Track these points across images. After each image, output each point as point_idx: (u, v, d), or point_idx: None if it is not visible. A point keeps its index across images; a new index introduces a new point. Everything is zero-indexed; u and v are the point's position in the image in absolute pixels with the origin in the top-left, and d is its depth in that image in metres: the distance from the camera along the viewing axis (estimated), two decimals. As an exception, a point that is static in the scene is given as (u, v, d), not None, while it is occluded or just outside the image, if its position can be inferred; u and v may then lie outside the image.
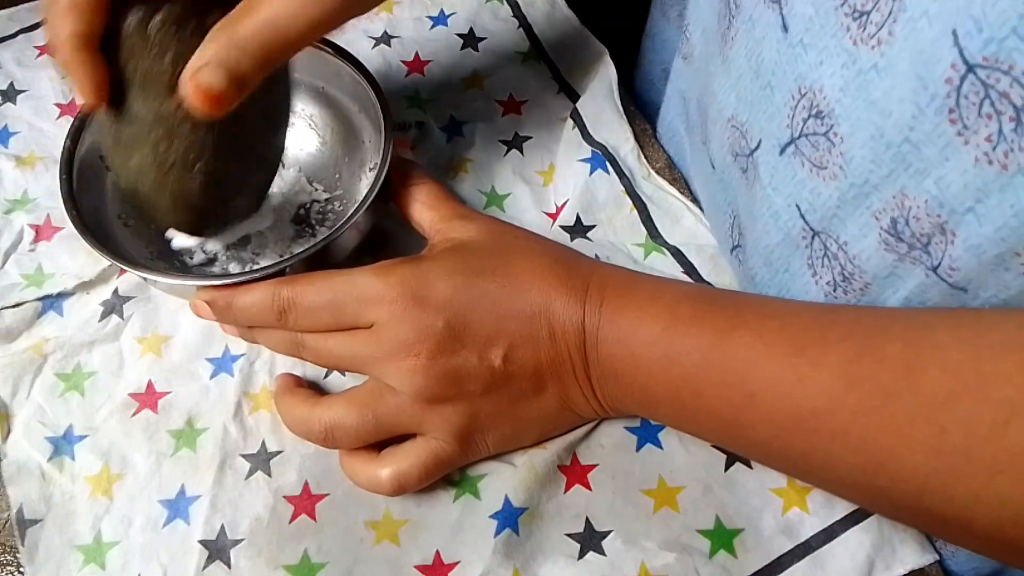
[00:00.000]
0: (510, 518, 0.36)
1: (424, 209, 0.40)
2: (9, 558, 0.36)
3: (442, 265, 0.36)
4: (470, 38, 0.53)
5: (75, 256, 0.43)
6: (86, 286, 0.42)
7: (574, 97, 0.50)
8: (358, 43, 0.52)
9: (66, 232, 0.44)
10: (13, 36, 0.51)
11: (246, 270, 0.37)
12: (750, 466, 0.37)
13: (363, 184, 0.44)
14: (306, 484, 0.37)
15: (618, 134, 0.47)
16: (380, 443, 0.36)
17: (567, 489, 0.37)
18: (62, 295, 0.42)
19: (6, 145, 0.47)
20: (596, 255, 0.43)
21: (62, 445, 0.38)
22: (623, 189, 0.46)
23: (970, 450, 0.25)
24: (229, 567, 0.35)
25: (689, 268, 0.43)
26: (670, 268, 0.44)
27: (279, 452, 0.38)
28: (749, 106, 0.36)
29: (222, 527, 0.36)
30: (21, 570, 0.35)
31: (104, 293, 0.42)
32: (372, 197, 0.38)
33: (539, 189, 0.47)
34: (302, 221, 0.44)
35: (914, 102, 0.26)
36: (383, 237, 0.43)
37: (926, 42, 0.25)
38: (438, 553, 0.36)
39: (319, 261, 0.37)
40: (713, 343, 0.32)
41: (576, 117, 0.48)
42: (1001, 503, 0.25)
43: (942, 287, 0.29)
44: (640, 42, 0.57)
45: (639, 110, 0.50)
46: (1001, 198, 0.24)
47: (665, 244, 0.44)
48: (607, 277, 0.36)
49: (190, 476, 0.37)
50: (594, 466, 0.38)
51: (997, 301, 0.27)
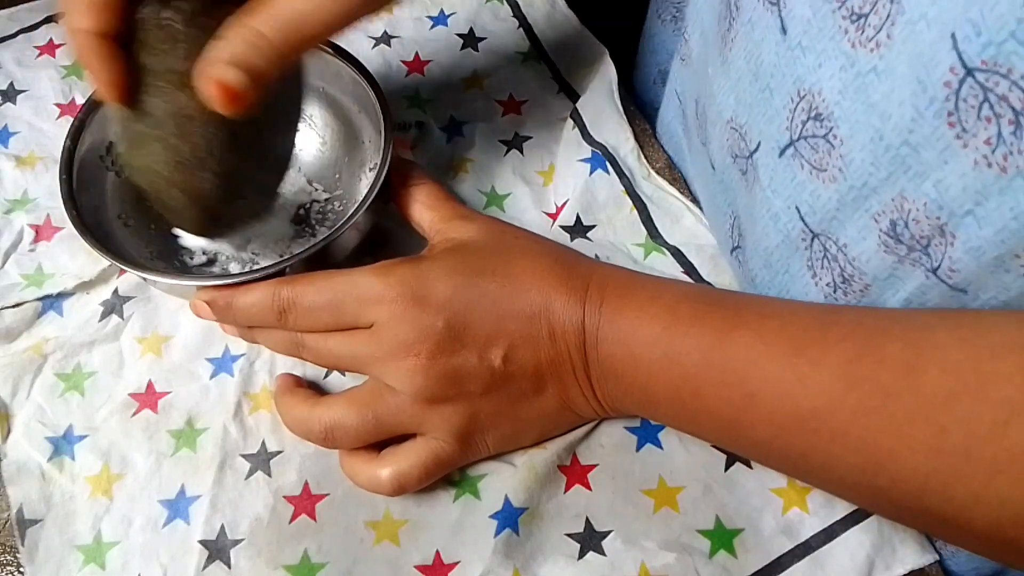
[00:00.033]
0: (510, 518, 0.36)
1: (424, 209, 0.40)
2: (9, 558, 0.36)
3: (442, 265, 0.36)
4: (470, 38, 0.53)
5: (75, 256, 0.43)
6: (86, 286, 0.42)
7: (574, 97, 0.50)
8: (358, 43, 0.52)
9: (66, 232, 0.44)
10: (13, 36, 0.51)
11: (246, 270, 0.37)
12: (750, 466, 0.37)
13: (363, 184, 0.44)
14: (306, 484, 0.37)
15: (618, 134, 0.47)
16: (380, 443, 0.36)
17: (567, 489, 0.37)
18: (62, 295, 0.42)
19: (6, 145, 0.47)
20: (596, 255, 0.43)
21: (62, 445, 0.38)
22: (623, 189, 0.46)
23: (970, 450, 0.25)
24: (229, 567, 0.35)
25: (689, 268, 0.44)
26: (670, 268, 0.44)
27: (279, 452, 0.38)
28: (748, 108, 0.36)
29: (222, 527, 0.36)
30: (21, 570, 0.35)
31: (104, 293, 0.42)
32: (372, 197, 0.38)
33: (539, 189, 0.47)
34: (302, 221, 0.44)
35: (913, 105, 0.26)
36: (383, 237, 0.43)
37: (925, 45, 0.25)
38: (438, 553, 0.36)
39: (319, 261, 0.37)
40: (713, 343, 0.32)
41: (576, 117, 0.48)
42: (1001, 503, 0.25)
43: (942, 289, 0.29)
44: (639, 43, 0.58)
45: (638, 110, 0.50)
46: (1000, 200, 0.25)
47: (665, 244, 0.44)
48: (607, 277, 0.36)
49: (190, 476, 0.37)
50: (594, 466, 0.38)
51: (997, 303, 0.27)
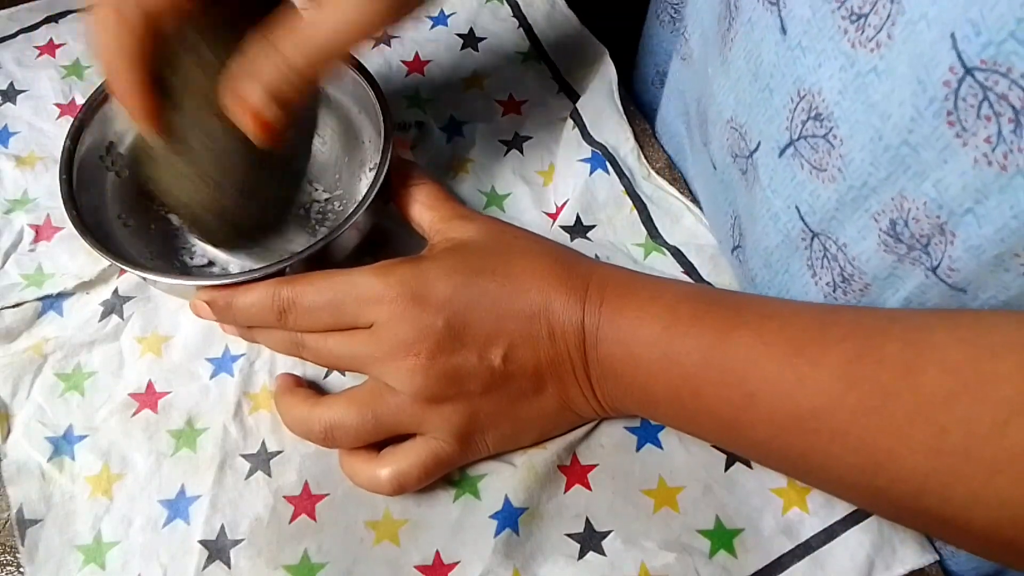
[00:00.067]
0: (510, 518, 0.36)
1: (424, 209, 0.40)
2: (9, 558, 0.36)
3: (442, 265, 0.36)
4: (470, 38, 0.53)
5: (75, 256, 0.43)
6: (86, 286, 0.42)
7: (574, 97, 0.50)
8: (358, 43, 0.52)
9: (66, 232, 0.44)
10: (13, 36, 0.51)
11: (246, 270, 0.37)
12: (750, 466, 0.37)
13: (363, 184, 0.43)
14: (306, 484, 0.37)
15: (618, 134, 0.47)
16: (380, 443, 0.36)
17: (567, 489, 0.37)
18: (62, 295, 0.42)
19: (6, 145, 0.47)
20: (596, 255, 0.43)
21: (62, 445, 0.38)
22: (623, 189, 0.46)
23: (969, 450, 0.25)
24: (229, 567, 0.35)
25: (689, 268, 0.43)
26: (670, 268, 0.44)
27: (279, 452, 0.38)
28: (748, 108, 0.36)
29: (222, 527, 0.36)
30: (21, 570, 0.35)
31: (104, 293, 0.42)
32: (372, 197, 0.38)
33: (539, 189, 0.47)
34: (302, 221, 0.44)
35: (913, 105, 0.26)
36: (383, 237, 0.43)
37: (925, 45, 0.25)
38: (438, 553, 0.36)
39: (319, 261, 0.37)
40: (713, 343, 0.32)
41: (576, 117, 0.48)
42: (1000, 503, 0.25)
43: (942, 288, 0.29)
44: (639, 43, 0.57)
45: (638, 110, 0.50)
46: (1000, 199, 0.25)
47: (665, 244, 0.44)
48: (607, 277, 0.36)
49: (190, 476, 0.37)
50: (594, 466, 0.38)
51: (997, 302, 0.27)
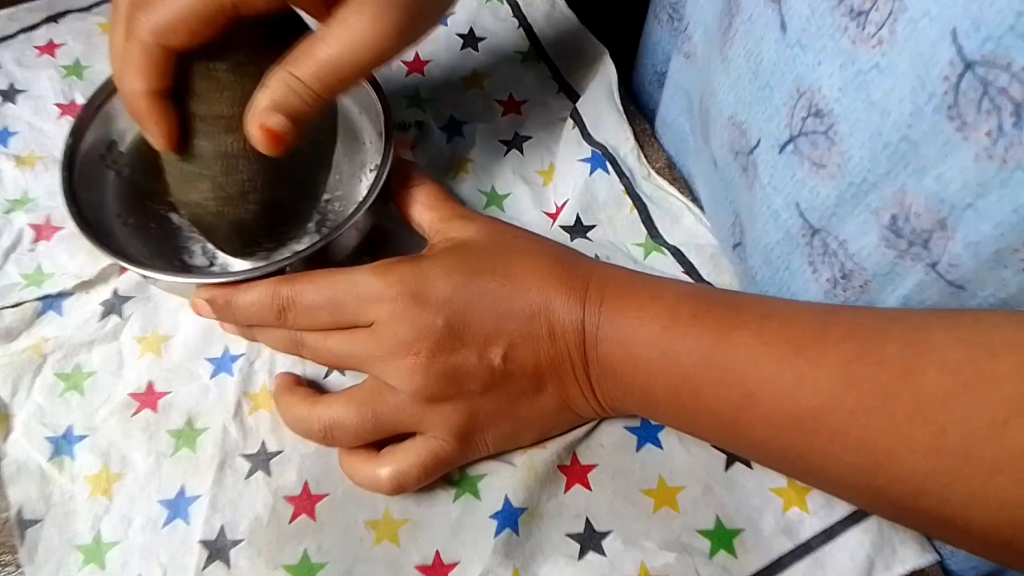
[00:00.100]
0: (510, 518, 0.36)
1: (424, 209, 0.40)
2: (9, 558, 0.36)
3: (442, 264, 0.36)
4: (470, 38, 0.53)
5: (75, 256, 0.43)
6: (86, 286, 0.42)
7: (574, 97, 0.50)
8: (358, 43, 0.52)
9: (66, 232, 0.44)
10: (13, 36, 0.51)
11: (246, 268, 0.37)
12: (750, 466, 0.37)
13: (363, 185, 0.43)
14: (306, 484, 0.37)
15: (618, 134, 0.47)
16: (380, 442, 0.36)
17: (567, 489, 0.37)
18: (62, 295, 0.42)
19: (6, 145, 0.47)
20: (596, 255, 0.43)
21: (62, 445, 0.38)
22: (623, 189, 0.46)
23: (969, 450, 0.25)
24: (229, 567, 0.35)
25: (689, 268, 0.43)
26: (670, 268, 0.44)
27: (279, 452, 0.38)
28: (748, 105, 0.36)
29: (222, 527, 0.36)
30: (21, 570, 0.35)
31: (104, 293, 0.42)
32: (373, 198, 0.38)
33: (539, 189, 0.47)
34: (302, 221, 0.44)
35: (912, 101, 0.26)
36: (383, 237, 0.43)
37: (927, 42, 0.25)
38: (438, 553, 0.36)
39: (319, 261, 0.37)
40: (712, 343, 0.32)
41: (576, 117, 0.48)
42: (1000, 503, 0.25)
43: (941, 285, 0.29)
44: (639, 43, 0.57)
45: (638, 110, 0.50)
46: (1001, 193, 0.25)
47: (665, 244, 0.44)
48: (607, 277, 0.36)
49: (190, 476, 0.37)
50: (594, 466, 0.38)
51: (995, 300, 0.27)
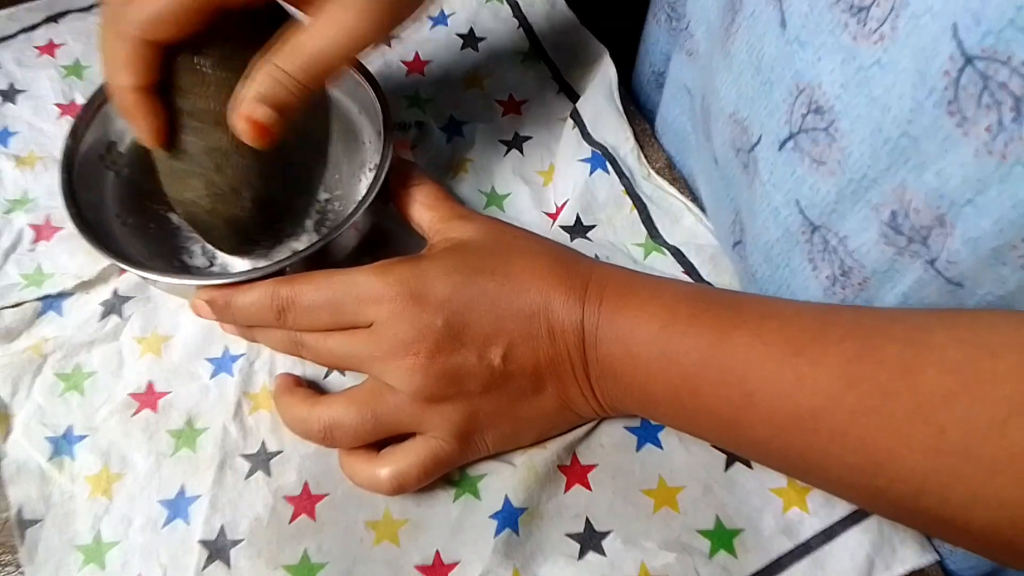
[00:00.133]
0: (510, 518, 0.36)
1: (423, 209, 0.40)
2: (9, 558, 0.36)
3: (441, 264, 0.36)
4: (470, 38, 0.53)
5: (75, 256, 0.43)
6: (86, 286, 0.42)
7: (574, 97, 0.50)
8: (358, 43, 0.52)
9: (66, 232, 0.44)
10: (13, 36, 0.51)
11: (246, 269, 0.37)
12: (750, 466, 0.37)
13: (363, 185, 0.43)
14: (306, 484, 0.37)
15: (618, 134, 0.47)
16: (380, 442, 0.36)
17: (567, 489, 0.37)
18: (62, 295, 0.42)
19: (6, 145, 0.47)
20: (596, 255, 0.43)
21: (62, 445, 0.38)
22: (623, 189, 0.46)
23: (969, 450, 0.25)
24: (229, 567, 0.35)
25: (689, 268, 0.43)
26: (670, 268, 0.44)
27: (279, 452, 0.38)
28: (750, 102, 0.36)
29: (222, 527, 0.36)
30: (21, 570, 0.35)
31: (104, 293, 0.42)
32: (372, 197, 0.38)
33: (539, 189, 0.47)
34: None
35: (913, 96, 0.26)
36: (383, 237, 0.43)
37: (928, 38, 0.25)
38: (438, 553, 0.36)
39: (319, 261, 0.37)
40: (712, 342, 0.32)
41: (576, 117, 0.48)
42: (1000, 503, 0.25)
43: (940, 282, 0.29)
44: (638, 43, 0.57)
45: (638, 110, 0.50)
46: (1001, 189, 0.25)
47: (665, 244, 0.44)
48: (606, 276, 0.36)
49: (190, 476, 0.37)
50: (594, 466, 0.38)
51: (993, 298, 0.27)
